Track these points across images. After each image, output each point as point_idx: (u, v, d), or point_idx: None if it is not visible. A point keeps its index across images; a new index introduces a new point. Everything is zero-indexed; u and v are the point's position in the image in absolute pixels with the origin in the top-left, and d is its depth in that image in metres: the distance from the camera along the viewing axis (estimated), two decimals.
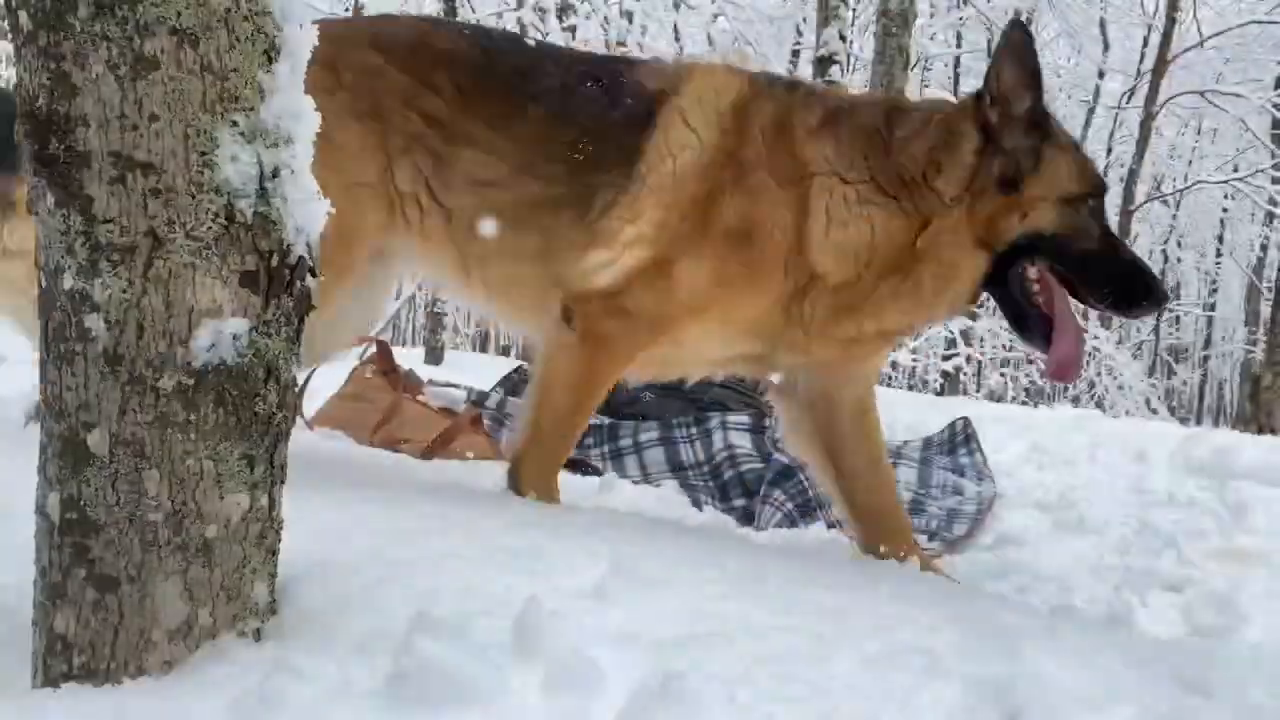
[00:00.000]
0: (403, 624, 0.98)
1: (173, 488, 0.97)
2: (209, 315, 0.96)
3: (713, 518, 2.38)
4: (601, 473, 2.59)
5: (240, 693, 0.92)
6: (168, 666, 0.97)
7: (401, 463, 2.29)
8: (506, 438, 2.89)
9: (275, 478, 1.04)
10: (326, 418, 2.62)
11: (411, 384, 2.75)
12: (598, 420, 3.02)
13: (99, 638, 0.96)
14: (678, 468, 2.75)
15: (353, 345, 2.37)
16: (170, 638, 0.98)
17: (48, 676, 0.97)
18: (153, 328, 0.95)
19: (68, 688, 0.96)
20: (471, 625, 1.02)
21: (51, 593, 0.97)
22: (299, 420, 2.40)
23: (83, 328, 0.95)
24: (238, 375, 0.98)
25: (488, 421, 2.87)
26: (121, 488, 0.95)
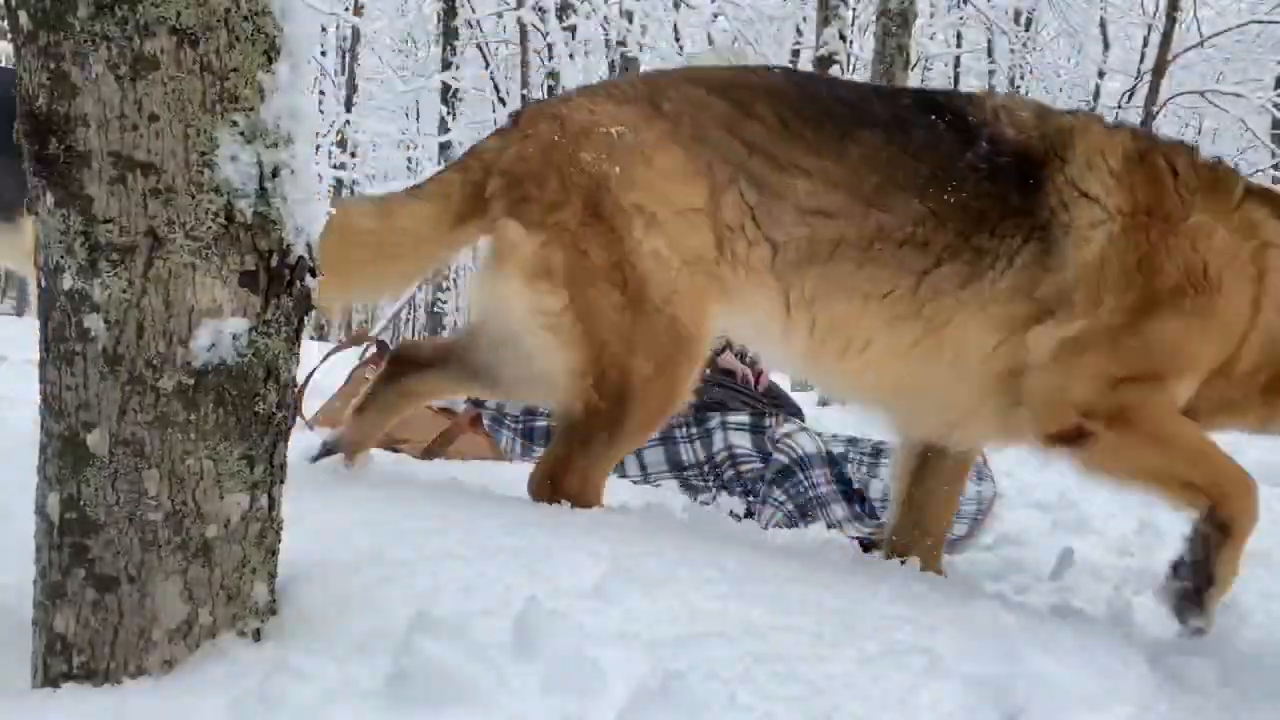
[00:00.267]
0: (403, 624, 0.98)
1: (172, 487, 0.97)
2: (209, 315, 0.96)
3: (713, 517, 2.37)
4: None
5: (240, 693, 0.92)
6: (168, 666, 0.98)
7: (401, 463, 2.29)
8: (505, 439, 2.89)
9: (275, 477, 1.04)
10: (326, 418, 2.62)
11: None
12: None
13: (99, 637, 0.96)
14: (678, 467, 2.75)
15: None
16: (170, 637, 0.98)
17: (48, 676, 0.97)
18: (153, 328, 0.95)
19: (68, 687, 0.96)
20: (471, 625, 1.02)
21: (51, 592, 0.97)
22: (299, 420, 2.40)
23: (82, 328, 0.95)
24: (238, 375, 0.98)
25: (487, 422, 2.86)
26: (121, 487, 0.95)
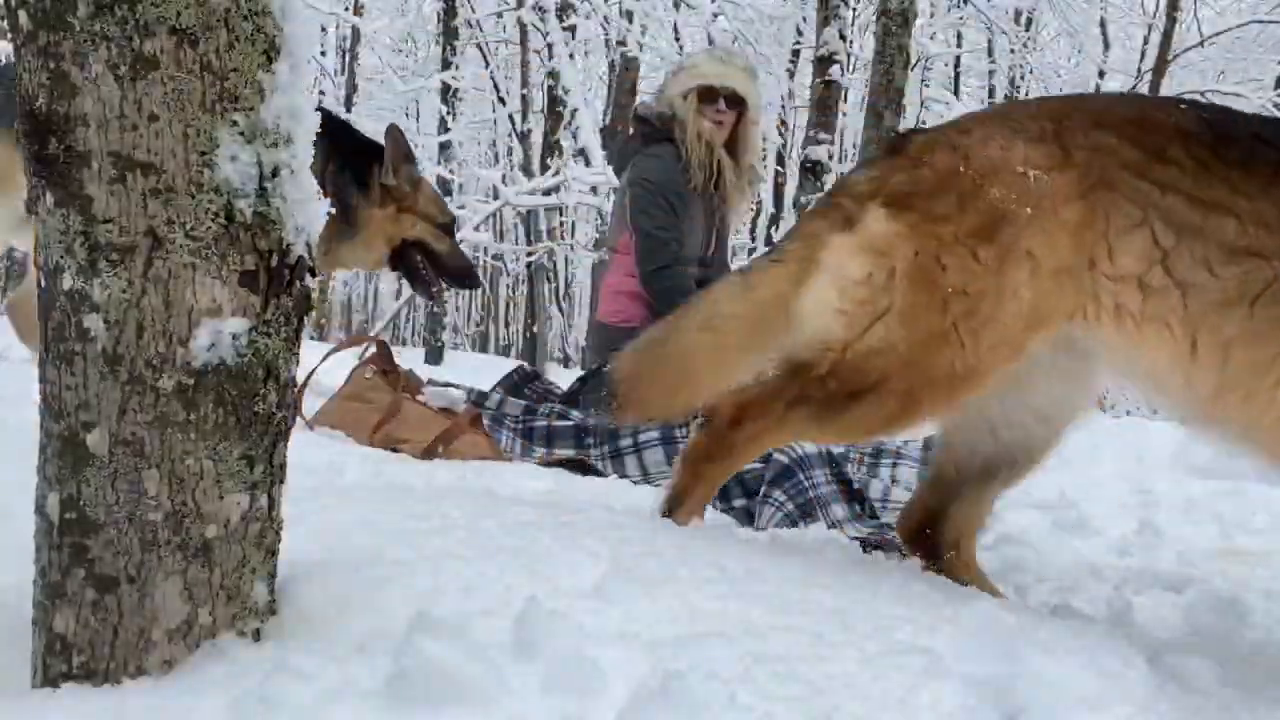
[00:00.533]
0: (403, 624, 0.98)
1: (172, 487, 0.97)
2: (209, 315, 0.96)
3: (713, 518, 2.37)
4: (604, 474, 2.59)
5: (240, 693, 0.92)
6: (167, 666, 0.98)
7: (401, 463, 2.29)
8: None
9: (275, 477, 1.04)
10: (326, 418, 2.62)
11: (411, 384, 2.75)
12: (599, 420, 3.02)
13: (98, 637, 0.96)
14: None
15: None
16: (170, 637, 0.98)
17: (47, 676, 0.97)
18: (152, 328, 0.95)
19: (67, 687, 0.96)
20: (471, 625, 1.02)
21: (51, 592, 0.97)
22: (299, 420, 2.40)
23: (82, 328, 0.95)
24: (237, 375, 0.98)
25: (488, 422, 2.86)
26: (121, 487, 0.95)
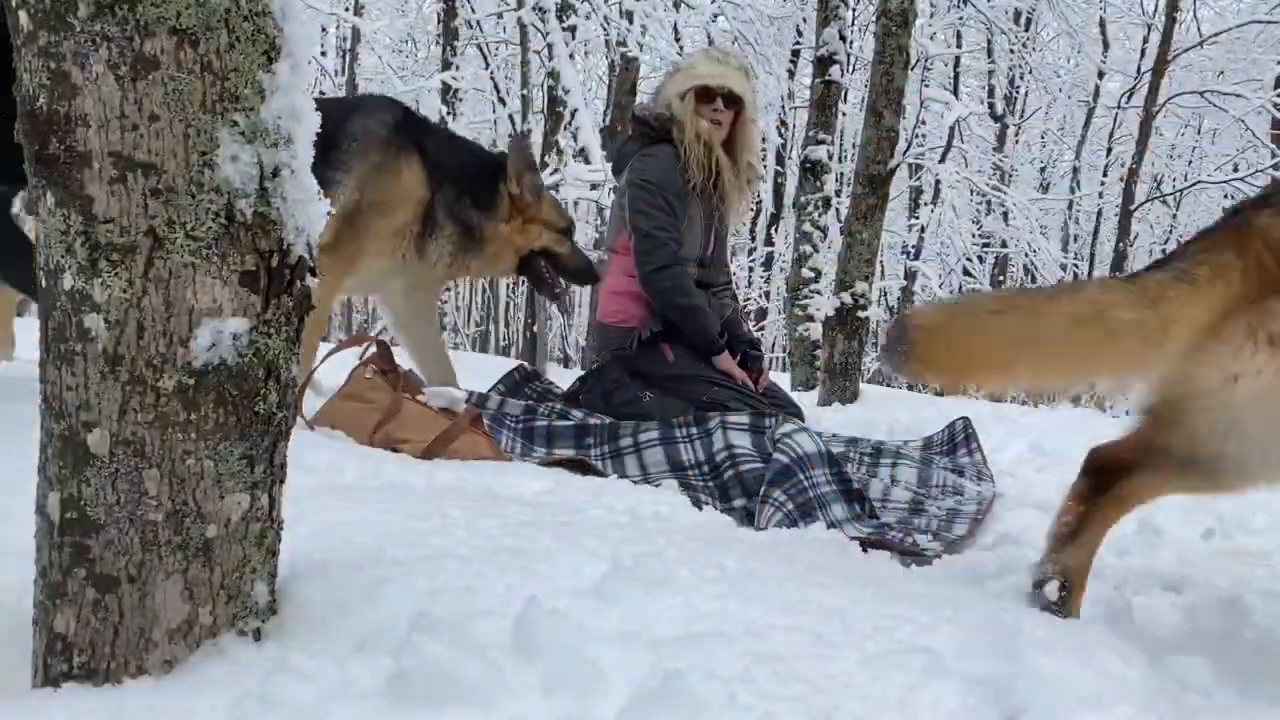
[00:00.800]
0: (403, 624, 0.98)
1: (173, 487, 0.97)
2: (209, 315, 0.96)
3: (712, 517, 2.37)
4: (604, 473, 2.59)
5: (240, 692, 0.92)
6: (168, 666, 0.98)
7: (401, 463, 2.29)
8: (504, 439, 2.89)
9: (275, 477, 1.04)
10: (326, 417, 2.62)
11: (411, 384, 2.75)
12: (598, 420, 3.02)
13: (99, 637, 0.96)
14: (678, 467, 2.75)
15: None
16: (170, 637, 0.98)
17: (48, 676, 0.98)
18: (153, 327, 0.95)
19: (68, 687, 0.96)
20: (471, 625, 1.02)
21: (52, 592, 0.97)
22: (299, 420, 2.40)
23: (83, 328, 0.95)
24: (238, 375, 0.98)
25: (488, 422, 2.86)
26: (121, 487, 0.95)
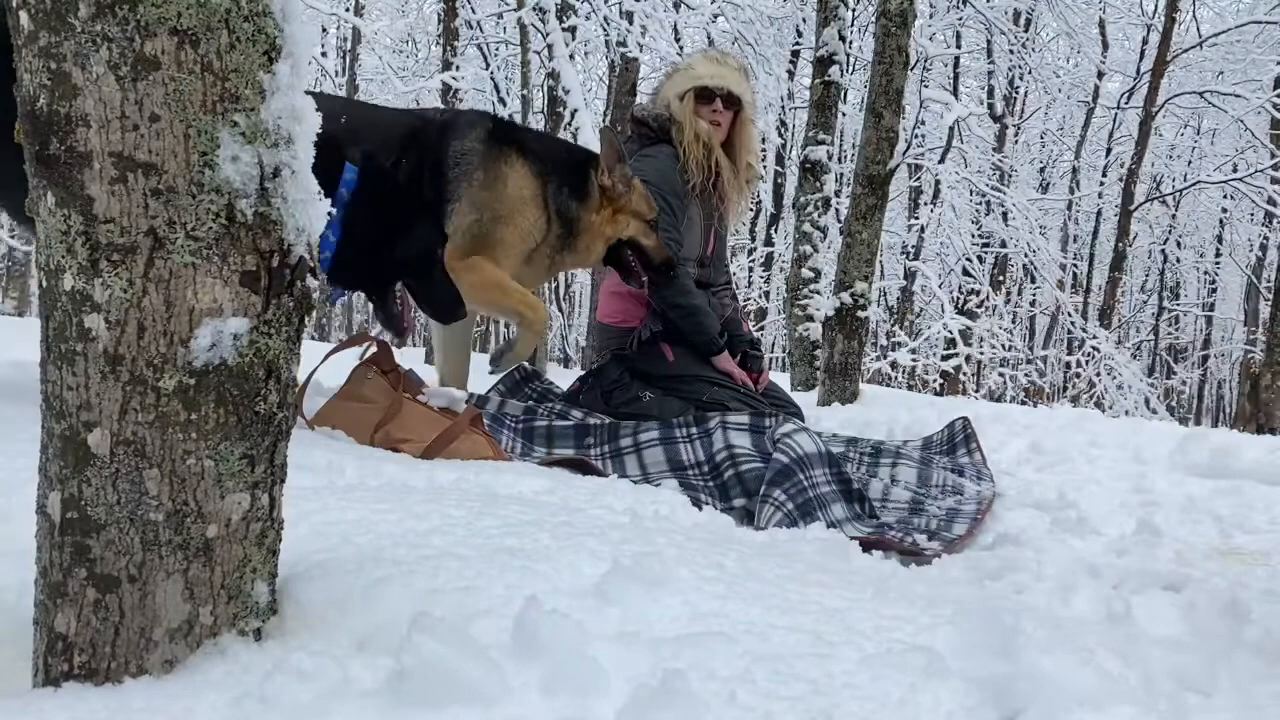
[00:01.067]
0: (403, 624, 0.98)
1: (173, 487, 0.97)
2: (209, 315, 0.96)
3: (712, 517, 2.37)
4: (604, 473, 2.59)
5: (240, 692, 0.92)
6: (169, 666, 0.98)
7: (401, 463, 2.29)
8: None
9: (275, 477, 1.05)
10: (326, 418, 2.61)
11: (412, 384, 2.75)
12: (598, 420, 3.02)
13: (100, 637, 0.97)
14: (678, 467, 2.75)
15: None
16: (171, 637, 0.98)
17: (48, 676, 0.98)
18: (153, 328, 0.95)
19: (68, 687, 0.96)
20: (471, 625, 1.02)
21: (52, 592, 0.97)
22: (299, 420, 2.40)
23: (83, 328, 0.95)
24: (238, 375, 0.98)
25: (488, 422, 2.86)
26: (122, 487, 0.95)
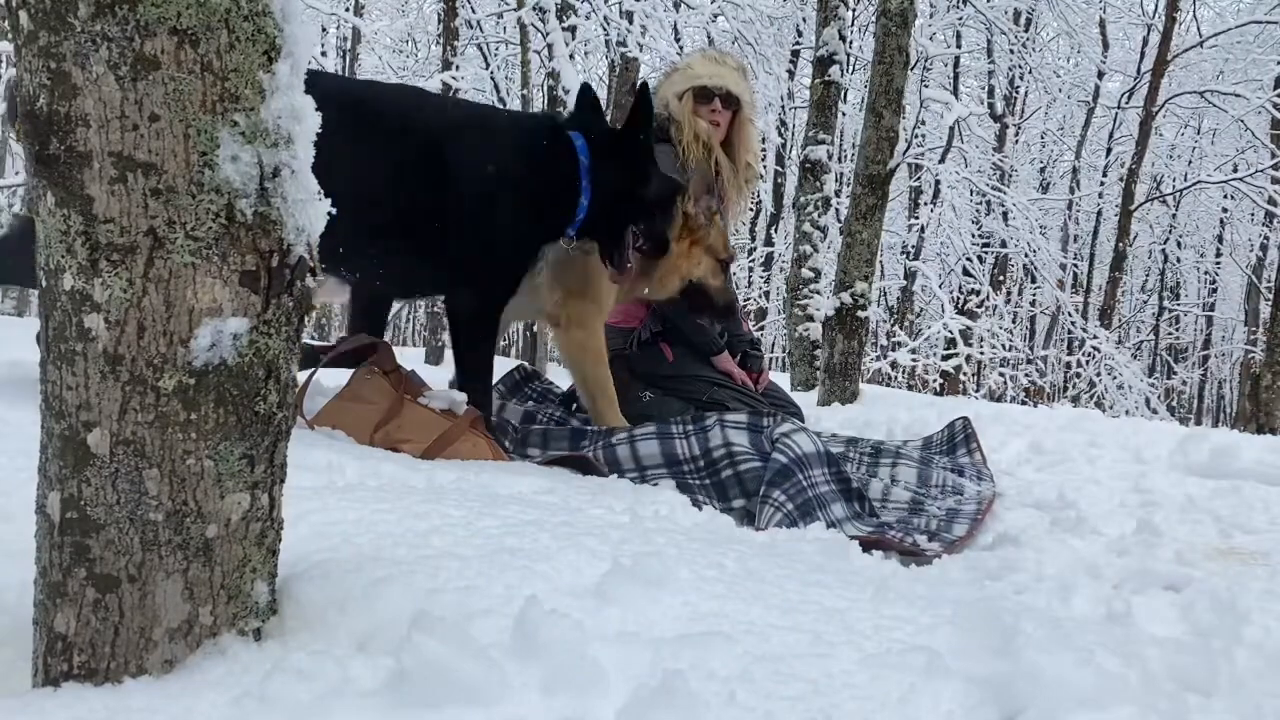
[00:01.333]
0: (403, 624, 0.98)
1: (173, 487, 0.97)
2: (209, 315, 0.96)
3: (712, 517, 2.37)
4: (604, 473, 2.58)
5: (240, 692, 0.92)
6: (168, 666, 0.98)
7: (401, 463, 2.29)
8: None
9: (275, 477, 1.04)
10: (327, 418, 2.62)
11: (412, 385, 2.75)
12: (596, 426, 3.02)
13: (99, 637, 0.96)
14: (672, 462, 2.73)
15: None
16: (171, 637, 0.98)
17: (48, 676, 0.98)
18: (153, 327, 0.95)
19: (68, 687, 0.96)
20: (471, 625, 1.02)
21: (52, 592, 0.97)
22: (299, 420, 2.40)
23: (83, 328, 0.95)
24: (238, 375, 0.98)
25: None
26: (122, 487, 0.95)
